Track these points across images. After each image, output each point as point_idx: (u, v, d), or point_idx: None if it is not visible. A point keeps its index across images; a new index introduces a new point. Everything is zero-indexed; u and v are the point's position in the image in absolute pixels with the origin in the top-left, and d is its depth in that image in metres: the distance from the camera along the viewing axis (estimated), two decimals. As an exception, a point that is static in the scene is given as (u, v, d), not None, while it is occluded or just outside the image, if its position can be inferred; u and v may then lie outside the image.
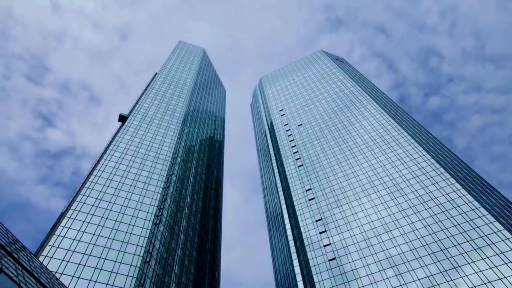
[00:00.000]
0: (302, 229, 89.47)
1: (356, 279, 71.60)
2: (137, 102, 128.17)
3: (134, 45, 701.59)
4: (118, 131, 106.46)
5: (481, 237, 67.17)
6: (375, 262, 73.03)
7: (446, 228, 72.04)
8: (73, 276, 58.26)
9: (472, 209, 72.97)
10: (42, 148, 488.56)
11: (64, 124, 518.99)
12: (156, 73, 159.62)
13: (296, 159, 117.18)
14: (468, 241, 67.63)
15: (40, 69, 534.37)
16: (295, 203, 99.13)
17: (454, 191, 79.01)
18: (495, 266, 61.34)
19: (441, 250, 68.60)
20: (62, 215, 72.37)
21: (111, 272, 61.96)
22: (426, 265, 67.39)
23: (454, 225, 71.79)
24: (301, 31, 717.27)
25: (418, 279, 65.75)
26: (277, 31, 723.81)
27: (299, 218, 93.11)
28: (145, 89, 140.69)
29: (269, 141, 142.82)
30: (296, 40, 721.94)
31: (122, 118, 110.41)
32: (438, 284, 63.22)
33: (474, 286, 60.06)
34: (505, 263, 61.04)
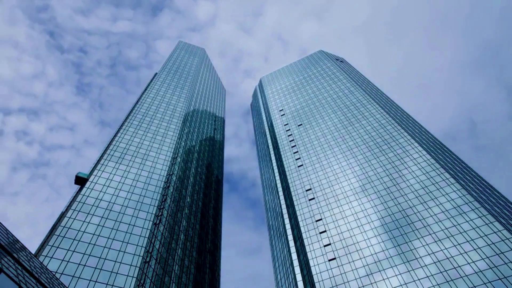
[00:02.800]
0: (302, 229, 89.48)
1: (356, 279, 71.61)
2: (137, 101, 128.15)
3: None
4: (118, 131, 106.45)
5: (481, 237, 67.18)
6: (375, 262, 73.04)
7: (446, 228, 72.04)
8: (73, 276, 58.27)
9: (472, 209, 72.97)
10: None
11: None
12: (156, 73, 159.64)
13: (296, 159, 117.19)
14: (468, 241, 67.63)
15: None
16: (295, 203, 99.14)
17: (454, 191, 79.01)
18: (495, 266, 61.35)
19: (441, 250, 68.62)
20: (62, 215, 72.39)
21: (111, 272, 61.97)
22: (426, 265, 67.40)
23: (454, 225, 71.80)
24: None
25: (418, 279, 65.77)
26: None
27: (299, 218, 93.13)
28: (145, 89, 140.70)
29: (269, 141, 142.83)
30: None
31: (80, 180, 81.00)
32: (438, 284, 63.24)
33: (474, 286, 60.09)
34: (505, 263, 61.05)
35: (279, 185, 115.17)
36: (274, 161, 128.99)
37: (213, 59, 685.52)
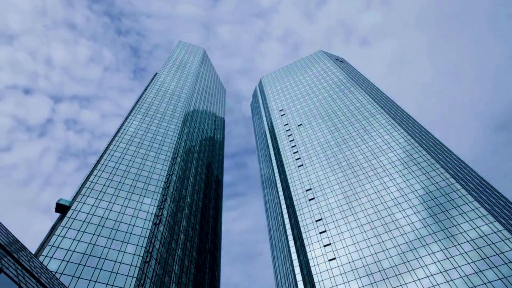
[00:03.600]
0: (302, 229, 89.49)
1: (356, 279, 71.61)
2: (137, 102, 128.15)
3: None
4: (118, 131, 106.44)
5: (481, 237, 67.17)
6: (375, 262, 73.04)
7: (446, 228, 72.04)
8: (73, 276, 58.26)
9: (472, 209, 72.96)
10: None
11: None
12: (156, 73, 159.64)
13: (296, 159, 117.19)
14: (468, 241, 67.63)
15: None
16: (295, 203, 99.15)
17: (454, 191, 79.00)
18: (495, 266, 61.34)
19: (441, 250, 68.61)
20: (62, 215, 72.35)
21: (111, 272, 61.97)
22: (426, 265, 67.40)
23: (454, 225, 71.80)
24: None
25: (418, 279, 65.77)
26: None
27: (299, 218, 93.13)
28: (145, 89, 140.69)
29: (269, 141, 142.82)
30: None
31: (61, 208, 72.43)
32: (438, 284, 63.23)
33: (474, 286, 60.09)
34: (505, 263, 61.04)
35: (279, 185, 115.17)
36: (274, 161, 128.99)
37: (273, 43, 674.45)
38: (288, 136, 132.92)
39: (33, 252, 63.98)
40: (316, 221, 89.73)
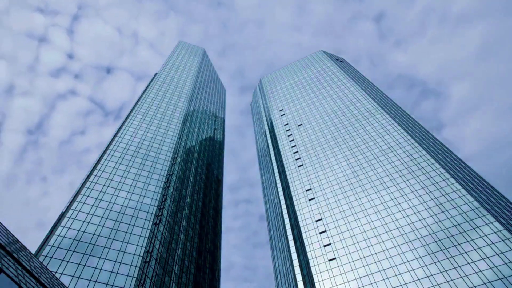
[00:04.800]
0: (302, 229, 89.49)
1: (356, 279, 71.60)
2: (137, 101, 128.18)
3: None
4: (118, 131, 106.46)
5: (481, 237, 67.17)
6: (375, 262, 73.03)
7: (446, 228, 72.04)
8: (73, 276, 58.27)
9: (472, 209, 72.97)
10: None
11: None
12: (156, 73, 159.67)
13: (296, 159, 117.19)
14: (468, 241, 67.63)
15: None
16: (295, 203, 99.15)
17: (454, 191, 79.00)
18: (495, 266, 61.34)
19: (441, 250, 68.61)
20: (62, 215, 72.39)
21: (111, 272, 61.97)
22: (426, 265, 67.39)
23: (454, 225, 71.80)
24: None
25: (418, 279, 65.76)
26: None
27: (299, 218, 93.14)
28: (145, 89, 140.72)
29: (269, 141, 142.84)
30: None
31: None
32: (438, 284, 63.22)
33: (474, 286, 60.07)
34: (505, 263, 61.04)
35: (279, 185, 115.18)
36: (274, 161, 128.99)
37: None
38: (288, 136, 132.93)
39: (33, 252, 63.99)
40: (316, 221, 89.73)
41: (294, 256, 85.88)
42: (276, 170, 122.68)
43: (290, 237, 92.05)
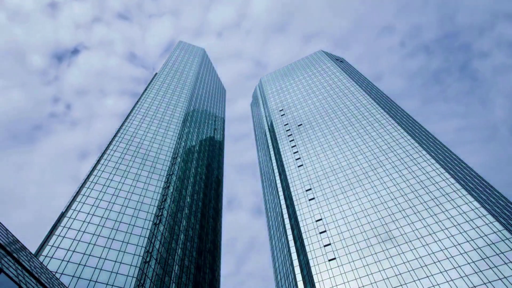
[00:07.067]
0: (302, 229, 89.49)
1: (356, 279, 71.60)
2: (137, 102, 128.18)
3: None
4: (118, 131, 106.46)
5: (481, 237, 67.18)
6: (375, 262, 73.03)
7: (446, 228, 72.04)
8: (73, 276, 58.27)
9: (472, 209, 72.98)
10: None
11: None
12: (156, 73, 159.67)
13: (296, 159, 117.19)
14: (468, 241, 67.63)
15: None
16: (295, 203, 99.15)
17: (454, 191, 79.02)
18: (495, 266, 61.35)
19: (441, 250, 68.61)
20: (62, 215, 72.39)
21: (111, 272, 61.98)
22: (426, 265, 67.39)
23: (454, 225, 71.81)
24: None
25: (418, 279, 65.76)
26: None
27: (299, 218, 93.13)
28: (145, 89, 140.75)
29: (269, 141, 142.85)
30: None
31: None
32: (438, 284, 63.23)
33: (474, 286, 60.08)
34: (505, 263, 61.06)
35: (279, 185, 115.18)
36: (274, 161, 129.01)
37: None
38: (288, 136, 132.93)
39: (33, 252, 63.99)
40: (316, 221, 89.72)
41: (294, 256, 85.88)
42: (276, 170, 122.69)
43: (290, 237, 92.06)
